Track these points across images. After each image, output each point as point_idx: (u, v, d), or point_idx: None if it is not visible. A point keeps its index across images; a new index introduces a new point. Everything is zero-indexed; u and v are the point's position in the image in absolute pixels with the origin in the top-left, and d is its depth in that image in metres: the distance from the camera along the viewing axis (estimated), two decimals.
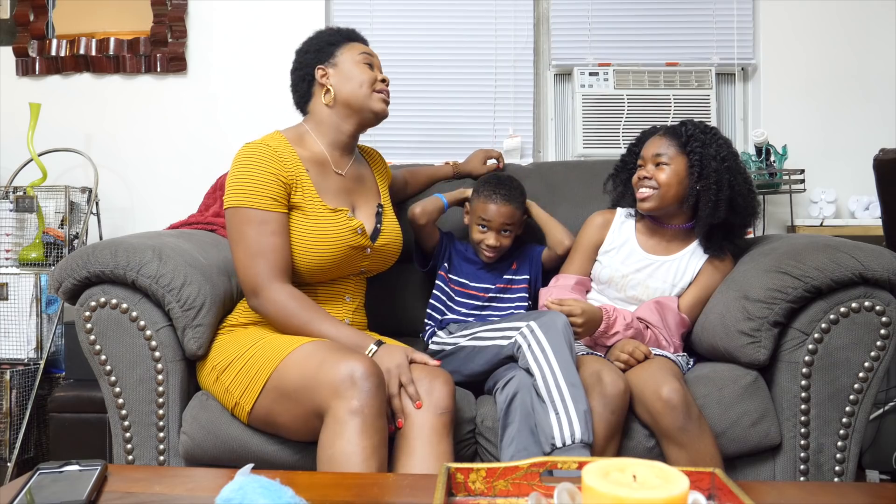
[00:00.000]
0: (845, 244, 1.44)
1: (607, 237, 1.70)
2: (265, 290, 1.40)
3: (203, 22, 2.61)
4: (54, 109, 2.56)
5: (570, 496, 0.72)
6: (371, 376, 1.20)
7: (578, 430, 1.27)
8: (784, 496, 0.90)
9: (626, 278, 1.64)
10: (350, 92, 1.55)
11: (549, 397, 1.31)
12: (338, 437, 1.17)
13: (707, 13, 2.62)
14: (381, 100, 1.57)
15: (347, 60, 1.57)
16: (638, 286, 1.64)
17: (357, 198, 1.60)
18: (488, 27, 2.64)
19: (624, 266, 1.65)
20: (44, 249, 2.31)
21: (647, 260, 1.65)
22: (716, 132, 1.60)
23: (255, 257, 1.40)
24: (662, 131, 1.64)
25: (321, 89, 1.57)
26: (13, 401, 2.20)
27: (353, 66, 1.56)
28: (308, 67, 1.59)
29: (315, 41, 1.61)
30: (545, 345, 1.36)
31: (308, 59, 1.59)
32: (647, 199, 1.59)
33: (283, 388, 1.27)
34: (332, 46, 1.59)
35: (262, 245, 1.41)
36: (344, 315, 1.54)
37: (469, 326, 1.64)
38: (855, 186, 2.50)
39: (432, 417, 1.28)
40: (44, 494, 0.81)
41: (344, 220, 1.50)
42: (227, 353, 1.39)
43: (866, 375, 1.40)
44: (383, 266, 1.65)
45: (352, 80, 1.55)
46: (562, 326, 1.38)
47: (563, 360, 1.34)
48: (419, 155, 2.59)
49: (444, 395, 1.31)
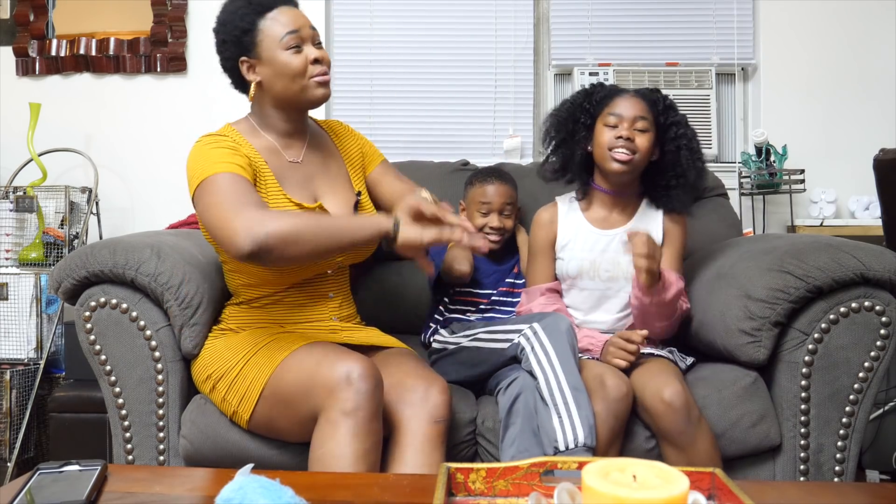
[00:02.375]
0: (847, 244, 1.43)
1: (559, 232, 1.62)
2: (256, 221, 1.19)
3: (203, 22, 2.61)
4: (54, 109, 2.56)
5: (570, 496, 0.72)
6: (367, 378, 1.18)
7: (581, 433, 1.27)
8: (784, 496, 0.90)
9: (596, 264, 1.58)
10: (282, 87, 1.38)
11: (552, 400, 1.31)
12: (329, 438, 1.16)
13: (707, 13, 2.62)
14: (317, 84, 1.38)
15: (270, 49, 1.36)
16: (612, 267, 1.57)
17: (321, 185, 1.48)
18: (488, 27, 2.64)
19: (589, 253, 1.59)
20: (44, 249, 2.31)
21: (608, 237, 1.59)
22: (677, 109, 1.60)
23: (236, 205, 1.23)
24: (636, 93, 1.56)
25: (252, 81, 1.41)
26: (13, 401, 2.20)
27: (278, 57, 1.36)
28: (231, 59, 1.42)
29: (230, 27, 1.40)
30: (548, 347, 1.36)
31: (229, 51, 1.42)
32: (626, 163, 1.50)
33: (279, 393, 1.26)
34: (250, 34, 1.38)
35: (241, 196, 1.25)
36: (330, 313, 1.49)
37: (472, 326, 1.63)
38: (855, 186, 2.50)
39: (426, 426, 1.26)
40: (44, 494, 0.81)
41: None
42: (221, 362, 1.36)
43: (866, 375, 1.40)
44: (361, 256, 1.53)
45: (282, 75, 1.37)
46: (565, 329, 1.38)
47: (566, 363, 1.34)
48: (419, 155, 2.59)
49: (440, 403, 1.29)
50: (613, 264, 1.57)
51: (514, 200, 1.80)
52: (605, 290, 1.59)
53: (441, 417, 1.28)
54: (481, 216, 1.76)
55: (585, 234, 1.61)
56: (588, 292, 1.61)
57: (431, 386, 1.30)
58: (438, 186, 2.02)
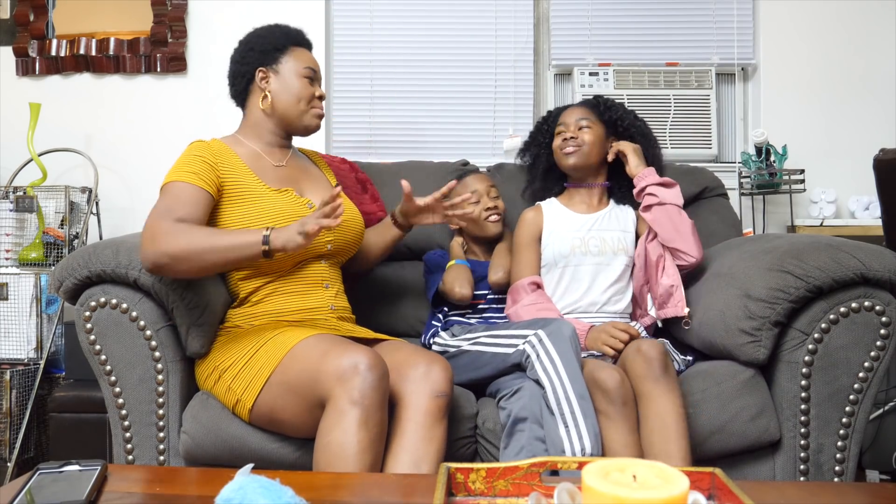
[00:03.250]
0: (846, 244, 1.44)
1: (545, 224, 1.76)
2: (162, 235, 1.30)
3: (203, 22, 2.61)
4: (54, 109, 2.56)
5: (570, 496, 0.72)
6: (374, 368, 1.20)
7: (588, 444, 1.28)
8: (784, 496, 0.90)
9: (585, 240, 1.71)
10: (287, 104, 1.57)
11: (559, 410, 1.32)
12: (336, 425, 1.17)
13: (707, 13, 2.62)
14: (315, 115, 1.59)
15: (290, 70, 1.57)
16: (598, 241, 1.71)
17: (302, 182, 1.60)
18: (488, 27, 2.64)
19: (576, 233, 1.72)
20: (44, 249, 2.31)
21: (590, 218, 1.75)
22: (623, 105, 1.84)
23: (164, 212, 1.35)
24: (579, 104, 1.84)
25: (259, 92, 1.58)
26: (13, 401, 2.20)
27: (294, 78, 1.57)
28: (249, 66, 1.59)
29: (263, 41, 1.60)
30: (554, 356, 1.37)
31: (251, 58, 1.59)
32: (572, 155, 1.73)
33: (286, 381, 1.28)
34: (279, 52, 1.59)
35: (177, 204, 1.37)
36: (327, 301, 1.53)
37: (473, 329, 1.64)
38: (855, 186, 2.50)
39: (428, 400, 1.29)
40: (44, 494, 0.81)
41: (292, 197, 1.51)
42: (229, 353, 1.40)
43: (866, 375, 1.40)
44: (347, 246, 1.60)
45: (290, 92, 1.56)
46: (569, 335, 1.39)
47: (572, 371, 1.35)
48: (419, 155, 2.59)
49: (441, 378, 1.32)
50: (600, 240, 1.71)
51: (495, 185, 1.90)
52: (597, 265, 1.69)
53: (442, 392, 1.30)
54: (473, 205, 1.82)
55: (570, 219, 1.76)
56: (584, 268, 1.70)
57: (433, 363, 1.34)
58: (438, 186, 2.01)
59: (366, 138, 2.66)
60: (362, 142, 2.66)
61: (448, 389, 1.32)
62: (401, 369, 1.33)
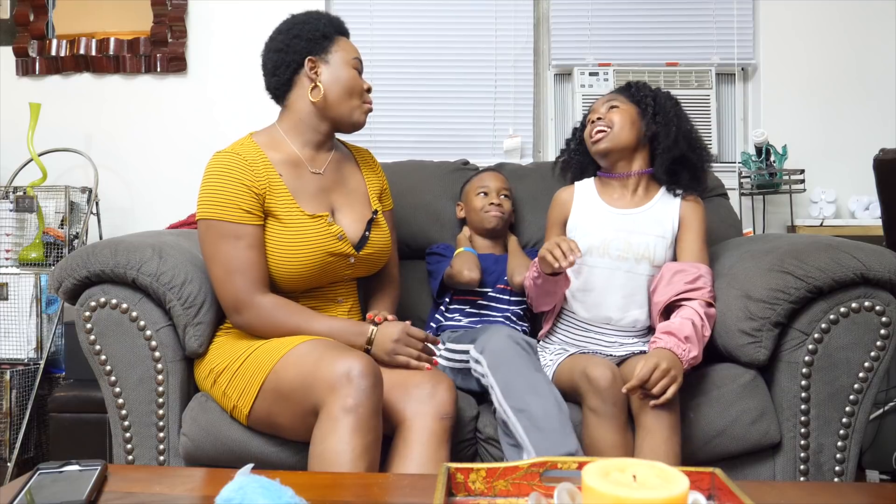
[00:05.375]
0: (847, 244, 1.44)
1: (573, 211, 1.66)
2: (248, 305, 1.38)
3: (203, 22, 2.61)
4: (54, 109, 2.56)
5: (570, 496, 0.72)
6: (368, 375, 1.18)
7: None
8: (784, 496, 0.90)
9: (607, 241, 1.58)
10: (338, 95, 1.48)
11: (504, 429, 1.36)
12: (330, 434, 1.16)
13: (707, 13, 2.62)
14: (365, 111, 1.52)
15: (340, 61, 1.49)
16: (622, 246, 1.57)
17: (338, 198, 1.53)
18: (488, 27, 2.64)
19: (599, 231, 1.59)
20: (44, 249, 2.31)
21: (622, 217, 1.61)
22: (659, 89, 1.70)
23: (233, 273, 1.37)
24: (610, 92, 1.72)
25: (308, 83, 1.48)
26: (13, 401, 2.20)
27: (345, 69, 1.49)
28: (297, 54, 1.48)
29: (309, 27, 1.49)
30: (489, 374, 1.39)
31: (298, 46, 1.48)
32: (602, 140, 1.61)
33: (280, 388, 1.27)
34: (327, 40, 1.50)
35: (239, 261, 1.38)
36: (340, 316, 1.52)
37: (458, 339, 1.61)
38: (855, 186, 2.50)
39: (433, 422, 1.28)
40: (44, 494, 0.81)
41: (324, 226, 1.45)
42: (223, 357, 1.39)
43: (866, 375, 1.40)
44: (368, 272, 1.59)
45: (341, 84, 1.48)
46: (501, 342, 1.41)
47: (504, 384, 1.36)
48: (419, 154, 2.59)
49: (446, 400, 1.31)
50: (625, 243, 1.57)
51: (510, 190, 1.91)
52: (613, 270, 1.56)
53: (447, 414, 1.30)
54: (481, 198, 1.85)
55: (599, 211, 1.64)
56: (598, 270, 1.57)
57: (438, 383, 1.32)
58: (438, 186, 2.02)
59: (366, 138, 2.66)
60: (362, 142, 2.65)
61: (453, 411, 1.31)
62: (406, 387, 1.32)
